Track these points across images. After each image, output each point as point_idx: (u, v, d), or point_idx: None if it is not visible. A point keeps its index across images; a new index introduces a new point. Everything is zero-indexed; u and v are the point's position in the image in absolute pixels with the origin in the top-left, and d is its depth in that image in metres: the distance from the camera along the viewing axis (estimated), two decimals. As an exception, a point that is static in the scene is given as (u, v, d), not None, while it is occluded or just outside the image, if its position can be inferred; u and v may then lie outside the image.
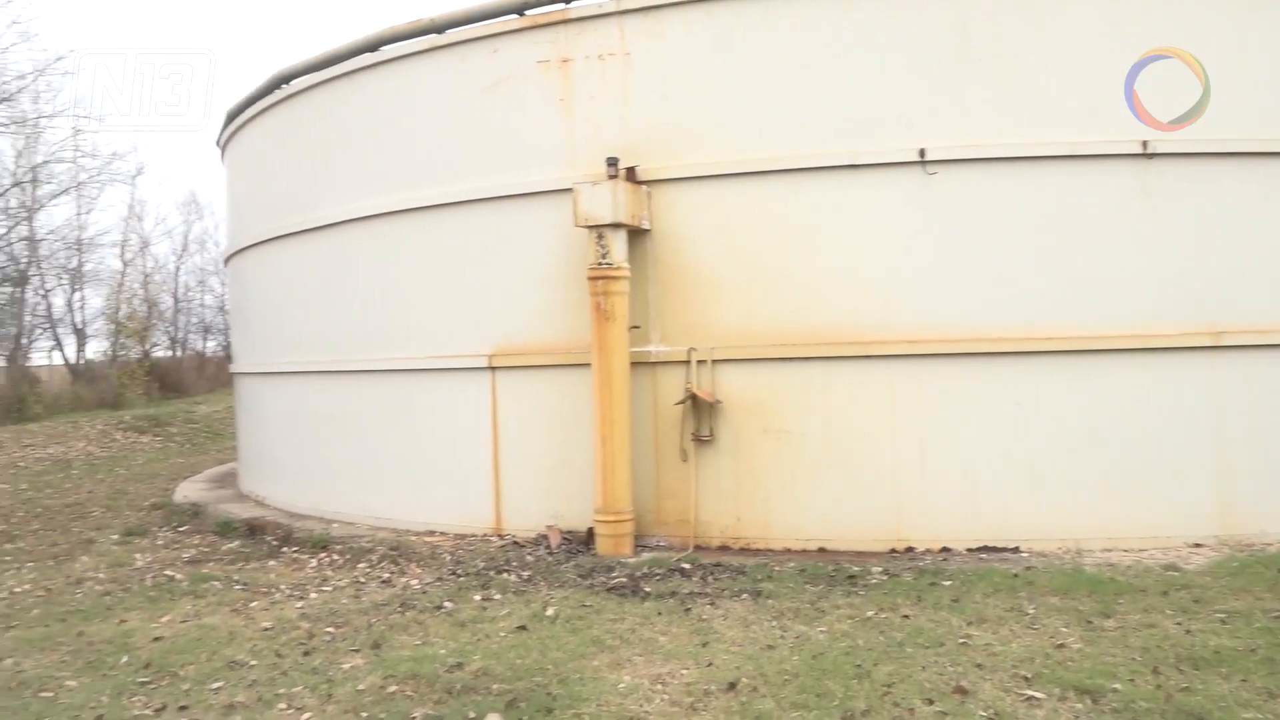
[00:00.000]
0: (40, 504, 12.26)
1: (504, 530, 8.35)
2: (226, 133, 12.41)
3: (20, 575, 8.00)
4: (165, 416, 22.83)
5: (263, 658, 5.44)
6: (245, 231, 11.75)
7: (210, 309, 40.64)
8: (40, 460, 17.09)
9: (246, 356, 12.18)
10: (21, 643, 5.99)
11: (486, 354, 8.43)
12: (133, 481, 14.28)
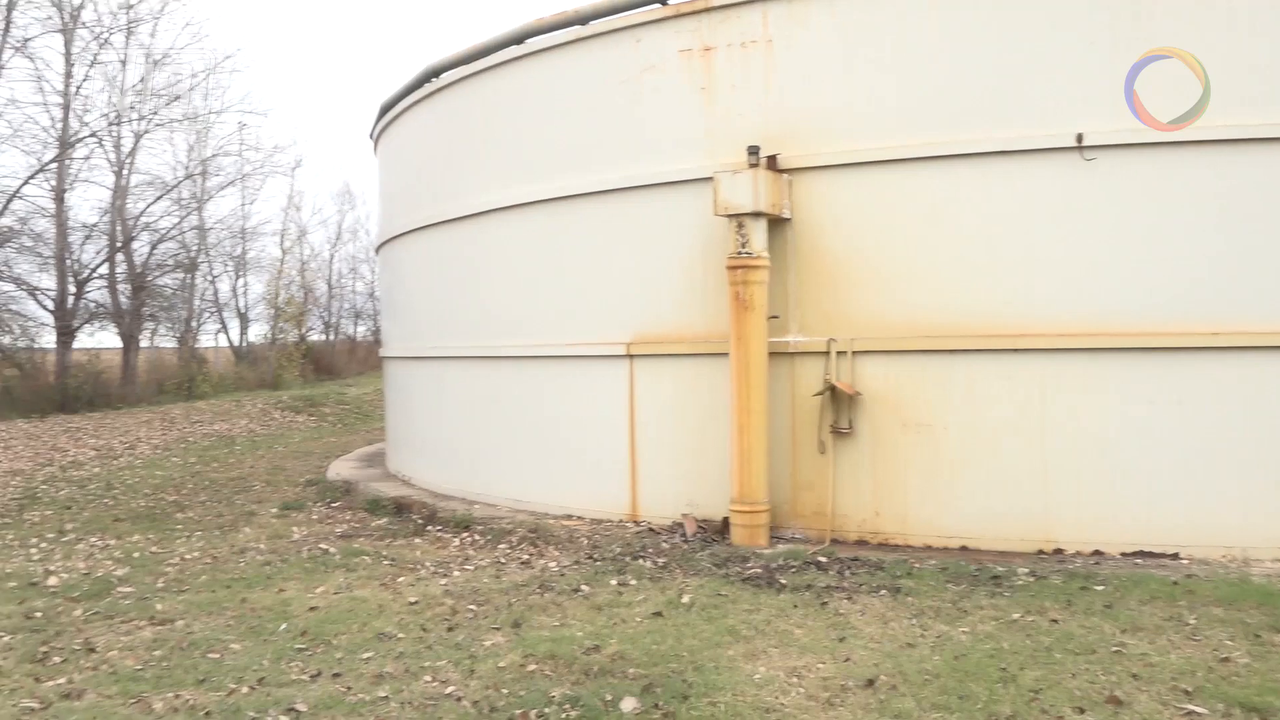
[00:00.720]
0: (207, 477, 13.06)
1: (639, 517, 8.43)
2: (379, 126, 12.91)
3: (190, 543, 8.55)
4: (319, 397, 23.98)
5: (409, 631, 5.67)
6: (395, 221, 12.21)
7: (361, 295, 42.47)
8: (207, 436, 18.19)
9: (395, 341, 12.67)
10: (192, 606, 6.41)
11: (625, 342, 8.52)
12: (289, 458, 15.05)
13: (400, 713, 4.37)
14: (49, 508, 10.76)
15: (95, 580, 7.17)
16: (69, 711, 4.53)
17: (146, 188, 26.81)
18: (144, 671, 5.11)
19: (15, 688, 4.90)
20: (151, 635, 5.78)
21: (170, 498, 11.35)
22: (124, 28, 24.92)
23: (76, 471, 13.64)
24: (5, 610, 6.39)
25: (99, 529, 9.38)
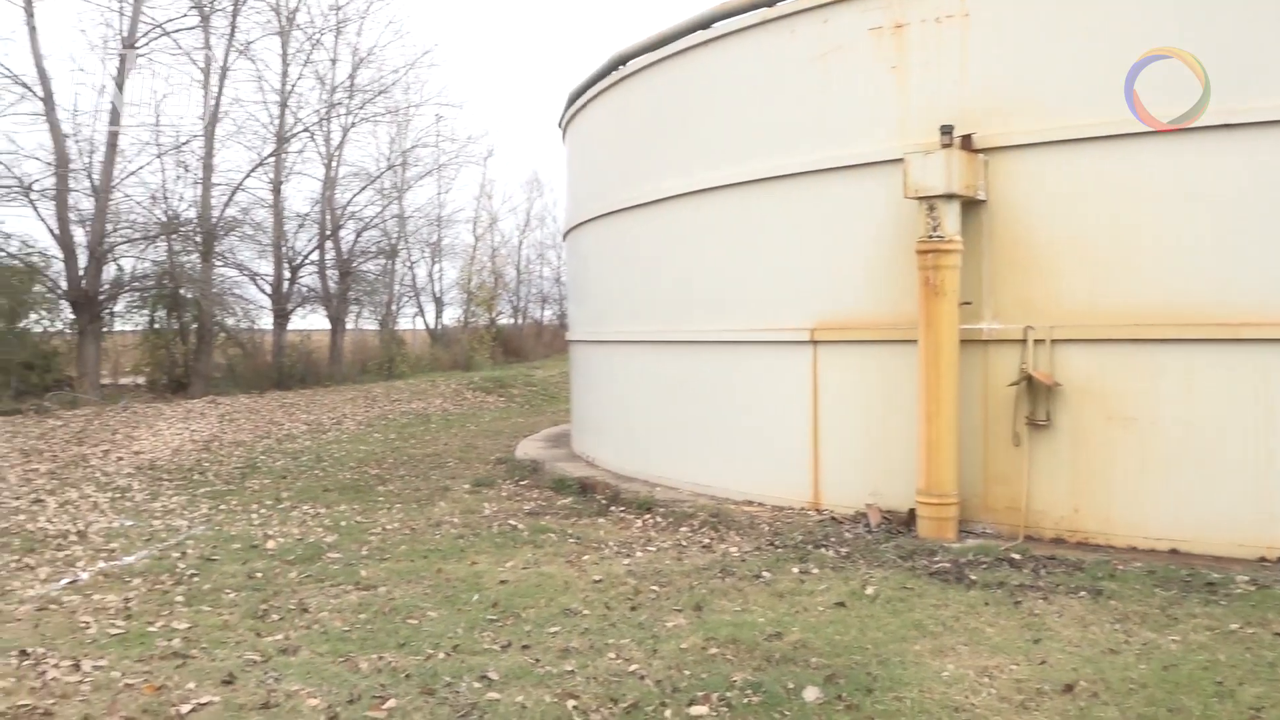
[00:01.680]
0: (405, 453, 13.79)
1: (821, 505, 8.32)
2: (567, 115, 13.21)
3: (391, 514, 9.06)
4: (508, 379, 24.87)
5: (593, 608, 5.81)
6: (582, 207, 12.48)
7: (548, 280, 43.70)
8: (405, 414, 19.20)
9: (580, 325, 12.98)
10: (393, 574, 6.79)
11: (808, 328, 8.40)
12: (480, 437, 15.70)
13: (586, 687, 4.49)
14: (267, 477, 11.64)
15: (307, 545, 7.70)
16: (286, 665, 4.89)
17: (352, 179, 28.51)
18: (351, 633, 5.45)
19: (240, 640, 5.34)
20: (357, 599, 6.16)
21: (373, 471, 12.05)
22: (333, 28, 26.54)
23: (290, 444, 14.69)
24: (231, 570, 6.97)
25: (310, 498, 10.07)
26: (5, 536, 7.98)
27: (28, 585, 6.57)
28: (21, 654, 5.04)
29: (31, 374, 18.68)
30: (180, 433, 14.78)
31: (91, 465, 11.93)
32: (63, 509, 9.24)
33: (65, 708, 4.33)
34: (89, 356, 19.81)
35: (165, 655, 5.06)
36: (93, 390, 18.91)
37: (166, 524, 8.68)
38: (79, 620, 5.72)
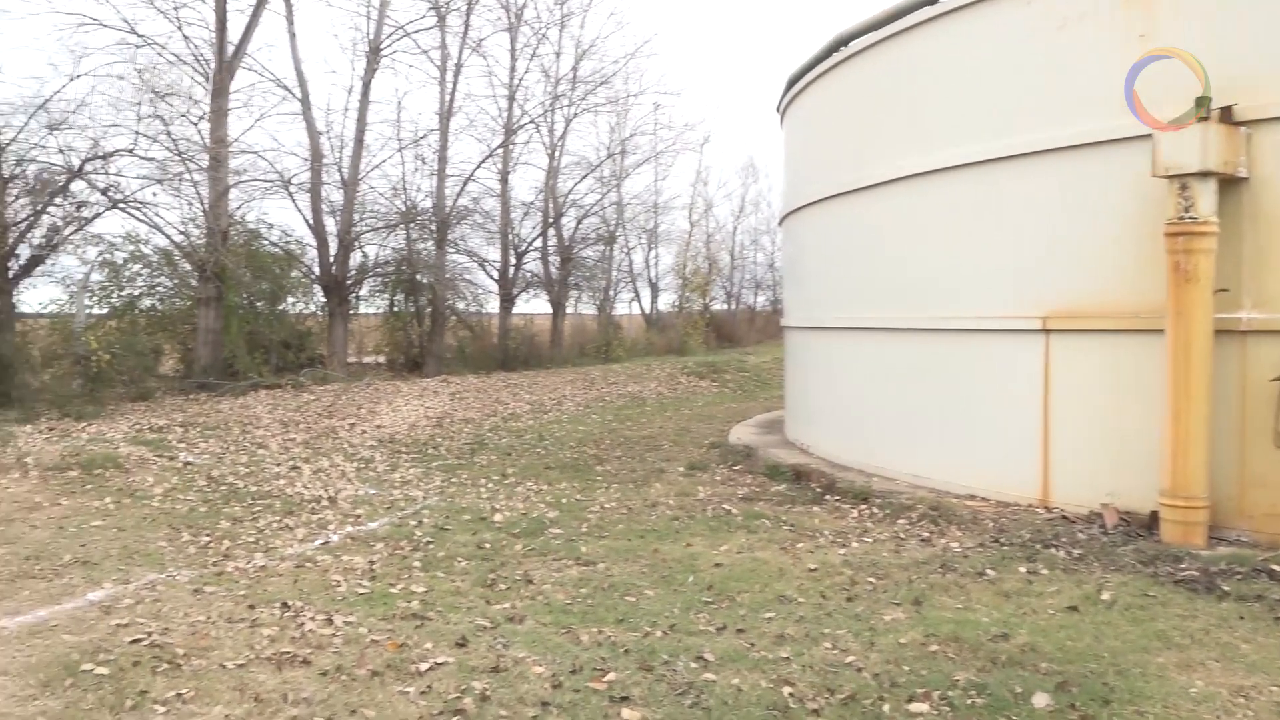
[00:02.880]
0: (622, 434, 14.15)
1: (1051, 503, 7.89)
2: (785, 98, 13.08)
3: (609, 494, 9.33)
4: (721, 364, 25.00)
5: (808, 596, 5.77)
6: (799, 192, 12.34)
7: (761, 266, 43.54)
8: (621, 396, 19.69)
9: (795, 311, 12.86)
10: (611, 551, 7.00)
11: (1040, 316, 7.96)
12: (694, 421, 15.87)
13: (801, 675, 4.47)
14: (493, 453, 12.25)
15: (531, 520, 8.06)
16: (513, 633, 5.15)
17: (574, 167, 29.42)
18: (572, 606, 5.67)
19: (471, 606, 5.66)
20: (577, 574, 6.39)
21: (590, 451, 12.44)
22: (558, 22, 27.43)
23: (514, 423, 15.39)
24: (462, 539, 7.39)
25: (533, 475, 10.52)
26: (268, 499, 8.80)
27: (287, 544, 7.22)
28: (284, 606, 5.56)
29: (289, 352, 20.46)
30: (416, 409, 15.78)
31: (340, 437, 12.95)
32: (316, 476, 10.08)
33: (320, 657, 4.74)
34: (338, 337, 21.49)
35: (405, 616, 5.44)
36: (340, 368, 20.50)
37: (405, 494, 9.30)
38: (331, 578, 6.23)
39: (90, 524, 7.56)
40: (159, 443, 10.97)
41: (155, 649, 4.79)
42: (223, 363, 18.13)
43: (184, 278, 19.05)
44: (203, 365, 17.97)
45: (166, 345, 19.40)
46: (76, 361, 15.34)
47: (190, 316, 18.89)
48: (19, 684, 4.38)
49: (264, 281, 20.21)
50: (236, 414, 14.00)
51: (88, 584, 6.02)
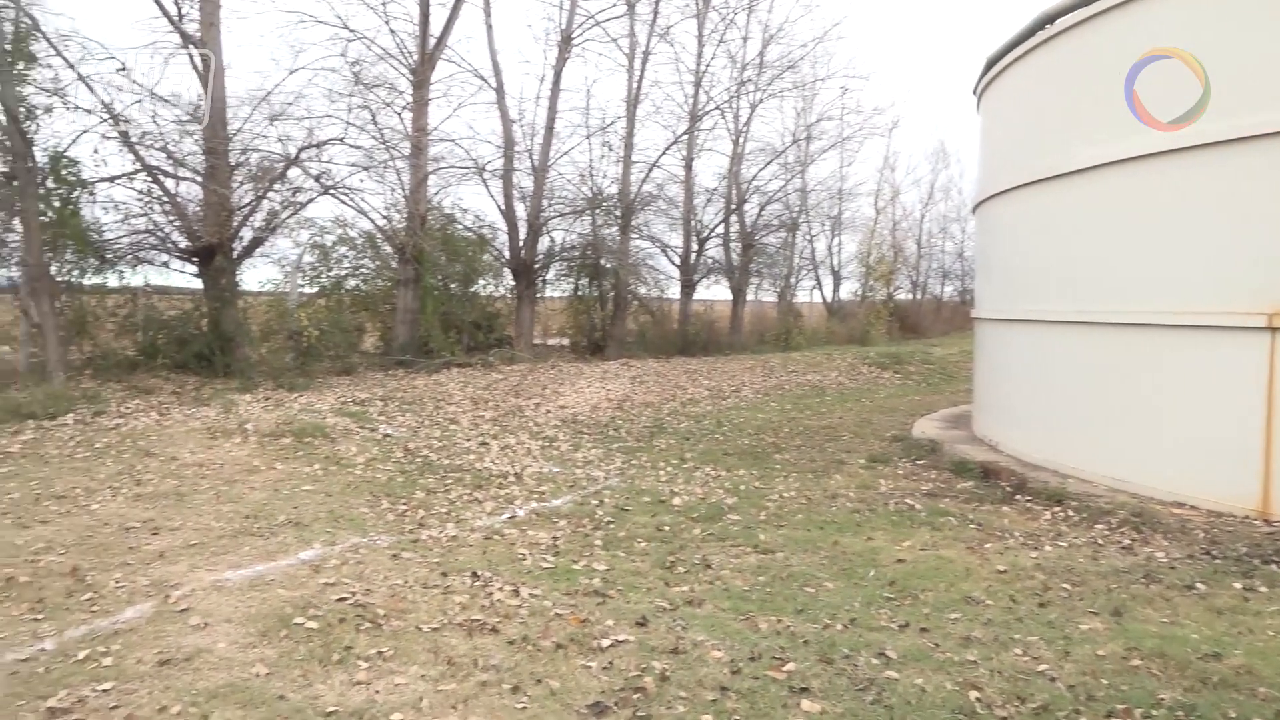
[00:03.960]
0: (801, 424, 14.00)
1: (1271, 515, 7.28)
2: (983, 80, 12.53)
3: (787, 483, 9.25)
4: (904, 355, 24.32)
5: (997, 599, 5.55)
6: (996, 178, 11.81)
7: (949, 255, 42.09)
8: (800, 385, 19.47)
9: (988, 302, 12.33)
10: (789, 541, 6.95)
11: (1265, 312, 7.33)
12: (875, 413, 15.52)
13: (990, 680, 4.31)
14: (672, 437, 12.37)
15: (709, 505, 8.10)
16: (691, 616, 5.20)
17: (758, 154, 29.22)
18: (750, 593, 5.67)
19: (650, 587, 5.75)
20: (756, 562, 6.38)
21: (769, 439, 12.36)
22: (745, 7, 27.23)
23: (693, 408, 15.48)
24: (641, 521, 7.51)
25: (711, 461, 10.56)
26: (459, 473, 9.20)
27: (476, 516, 7.54)
28: (474, 575, 5.81)
29: (479, 332, 21.32)
30: (597, 391, 16.12)
31: (525, 415, 13.39)
32: (503, 453, 10.47)
33: (508, 626, 4.93)
34: (525, 319, 22.22)
35: (587, 592, 5.58)
36: (527, 349, 21.19)
37: (586, 473, 9.53)
38: (517, 551, 6.47)
39: (301, 488, 8.12)
40: (361, 415, 11.65)
41: (359, 608, 5.10)
42: (418, 341, 19.06)
43: (385, 260, 20.13)
44: (400, 343, 18.97)
45: (368, 323, 20.58)
46: (289, 337, 16.48)
47: (390, 297, 19.96)
48: (241, 631, 4.77)
49: (458, 264, 21.09)
50: (430, 390, 14.69)
51: (299, 544, 6.47)
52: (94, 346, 14.86)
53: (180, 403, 12.04)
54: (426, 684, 4.20)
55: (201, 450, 9.19)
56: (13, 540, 6.36)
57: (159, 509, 7.25)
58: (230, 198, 15.30)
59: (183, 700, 3.98)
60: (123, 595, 5.35)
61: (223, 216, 15.15)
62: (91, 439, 9.47)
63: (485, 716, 3.90)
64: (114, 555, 6.09)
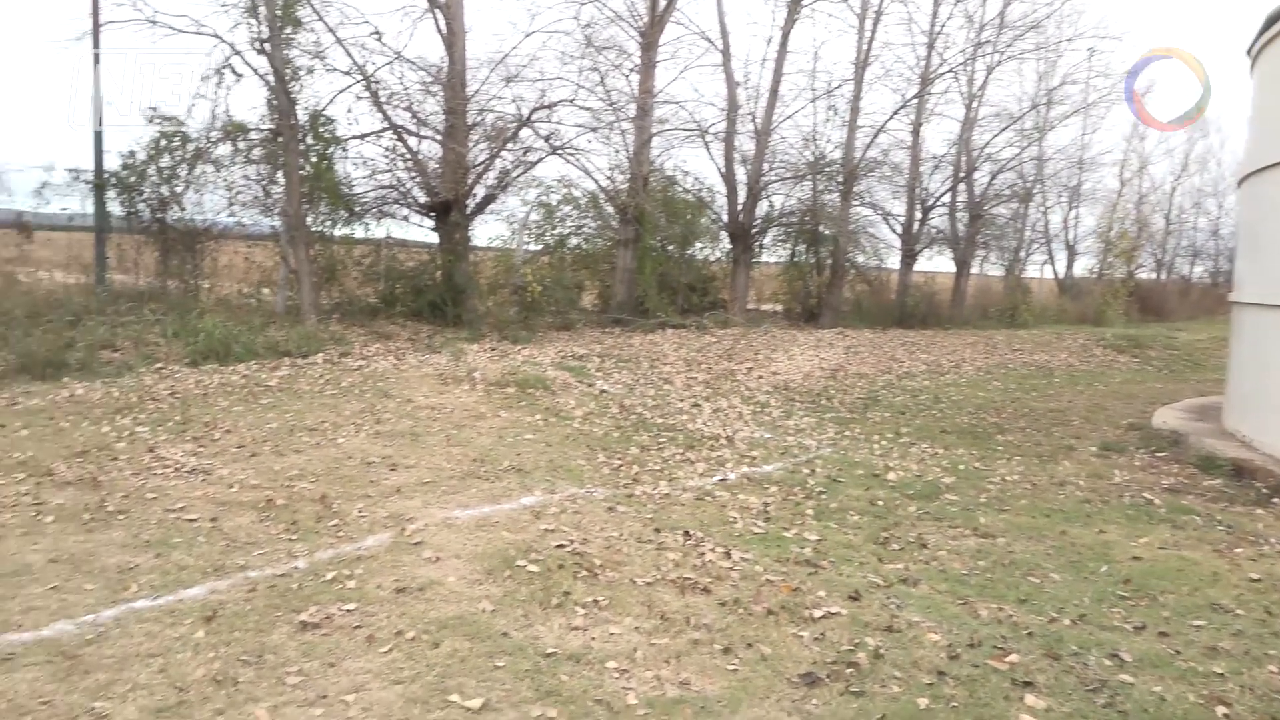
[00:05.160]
0: (1026, 405, 13.30)
1: None
2: (1260, 41, 11.31)
3: (1009, 466, 8.82)
4: (1144, 339, 22.60)
5: (1249, 610, 5.09)
6: (1270, 149, 10.67)
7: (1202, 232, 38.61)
8: (1026, 364, 18.47)
9: (1253, 285, 11.21)
10: (1012, 527, 6.63)
11: None
12: (1109, 398, 14.52)
13: (1240, 697, 3.96)
14: (886, 410, 12.05)
15: (925, 483, 7.84)
16: (906, 595, 5.06)
17: (992, 119, 27.68)
18: (969, 577, 5.45)
19: (863, 562, 5.64)
20: (975, 545, 6.14)
21: (990, 419, 11.82)
22: (988, -38, 25.77)
23: (909, 382, 15.01)
24: (854, 494, 7.37)
25: (928, 437, 10.22)
26: (672, 432, 9.33)
27: (688, 476, 7.63)
28: (685, 534, 5.89)
29: (694, 295, 21.46)
30: (810, 359, 15.91)
31: (737, 380, 13.39)
32: (715, 415, 10.53)
33: (719, 588, 4.97)
34: (740, 283, 22.17)
35: (798, 561, 5.54)
36: (740, 313, 21.16)
37: (798, 441, 9.44)
38: (728, 514, 6.50)
39: (523, 436, 8.48)
40: (579, 370, 12.02)
41: (576, 556, 5.28)
42: (635, 301, 19.42)
43: (606, 220, 20.56)
44: (618, 302, 19.40)
45: (587, 281, 21.13)
46: (514, 291, 17.19)
47: (609, 256, 20.41)
48: (469, 568, 5.05)
49: (676, 226, 21.27)
50: (645, 349, 14.96)
51: (521, 489, 6.77)
52: (341, 293, 16.06)
53: (414, 349, 12.82)
54: (640, 636, 4.30)
55: (434, 395, 9.76)
56: (272, 466, 7.00)
57: (396, 447, 7.77)
58: (466, 156, 16.04)
59: (416, 627, 4.25)
60: (364, 524, 5.77)
61: (459, 174, 15.92)
62: (338, 378, 10.24)
63: (697, 674, 3.95)
64: (357, 487, 6.59)
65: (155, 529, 5.52)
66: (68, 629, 4.14)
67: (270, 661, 3.88)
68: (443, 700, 3.61)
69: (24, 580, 4.68)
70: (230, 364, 10.71)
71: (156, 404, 8.64)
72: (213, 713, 3.47)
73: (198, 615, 4.29)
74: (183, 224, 14.82)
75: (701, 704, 3.70)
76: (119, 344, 11.02)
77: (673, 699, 3.73)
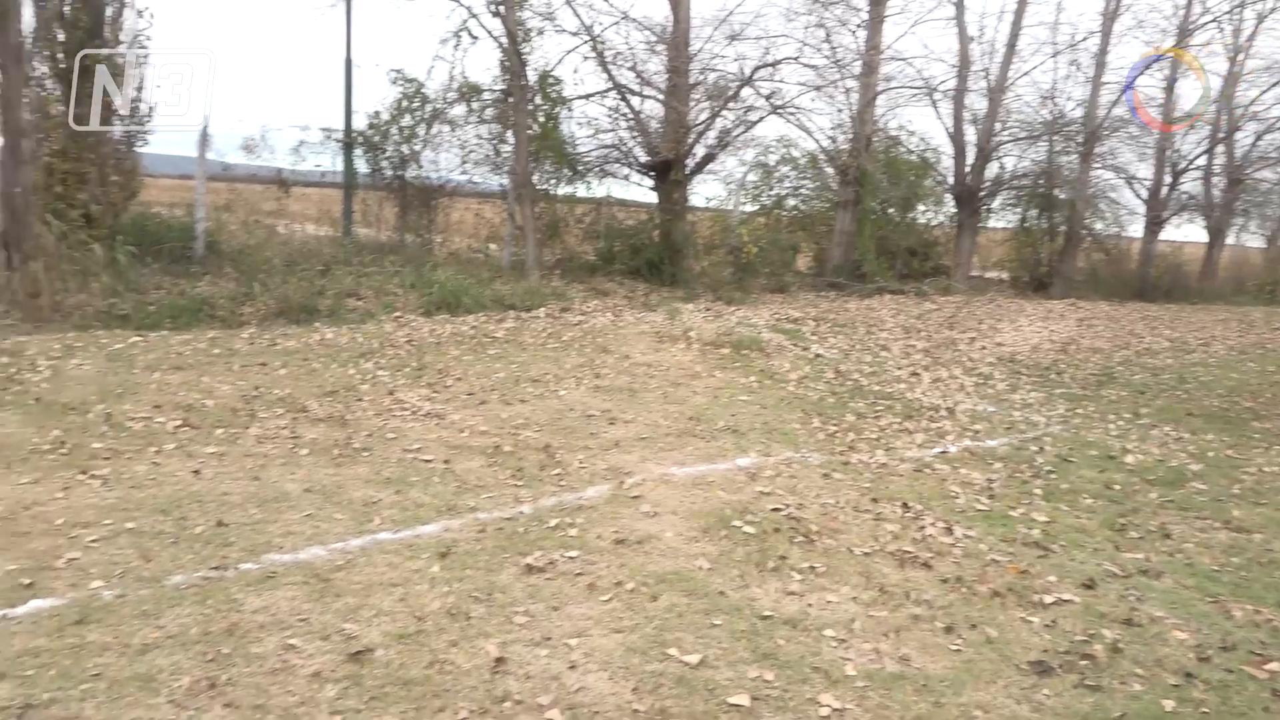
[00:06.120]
0: (1288, 389, 12.08)
1: None
2: None
3: (1268, 456, 8.03)
4: None
5: None
6: None
7: None
8: None
9: None
10: (1270, 522, 6.04)
11: None
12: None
13: None
14: (1124, 389, 11.23)
15: (1169, 469, 7.27)
16: (1147, 587, 4.72)
17: (1261, 73, 25.04)
18: (1220, 574, 5.02)
19: (1097, 548, 5.30)
20: (1227, 539, 5.64)
21: (1245, 404, 10.79)
22: (1268, -102, 23.16)
23: (1149, 359, 13.92)
24: (1087, 475, 6.93)
25: (1171, 419, 9.45)
26: (889, 400, 9.08)
27: (906, 447, 7.40)
28: (904, 506, 5.73)
29: (914, 259, 20.75)
30: (1039, 331, 15.05)
31: (959, 350, 12.86)
32: (934, 385, 10.16)
33: (940, 564, 4.81)
34: (964, 248, 21.24)
35: (1026, 542, 5.27)
36: (963, 280, 20.29)
37: (1025, 417, 8.97)
38: (948, 489, 6.26)
39: (738, 398, 8.48)
40: (794, 333, 11.88)
41: (792, 521, 5.24)
42: (852, 264, 18.98)
43: (825, 181, 20.17)
44: (834, 265, 19.02)
45: (802, 244, 20.83)
46: (730, 252, 17.19)
47: (827, 218, 20.02)
48: (685, 525, 5.11)
49: (899, 188, 20.58)
50: (862, 315, 14.62)
51: (736, 450, 6.78)
52: (563, 249, 16.58)
53: (631, 306, 13.07)
54: (858, 606, 4.23)
55: (650, 352, 9.92)
56: (499, 414, 7.33)
57: (615, 401, 7.96)
58: (687, 115, 16.09)
59: (635, 579, 4.35)
60: (585, 475, 5.96)
61: (680, 133, 16.01)
62: (559, 332, 10.58)
63: (918, 650, 3.84)
64: (577, 438, 6.80)
65: (395, 467, 5.91)
66: (320, 554, 4.50)
67: (499, 600, 4.07)
68: (661, 653, 3.68)
69: (283, 507, 5.12)
70: (460, 315, 11.29)
71: (395, 350, 9.22)
72: (447, 643, 3.68)
73: (433, 551, 4.57)
74: (420, 181, 15.69)
75: (923, 682, 3.59)
76: (362, 293, 11.82)
77: (892, 674, 3.65)
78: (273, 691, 3.28)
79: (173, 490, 5.27)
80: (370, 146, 15.28)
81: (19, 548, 4.39)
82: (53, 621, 3.68)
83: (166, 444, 6.07)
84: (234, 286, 11.08)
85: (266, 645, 3.59)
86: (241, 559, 4.38)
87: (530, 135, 15.03)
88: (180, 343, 8.80)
